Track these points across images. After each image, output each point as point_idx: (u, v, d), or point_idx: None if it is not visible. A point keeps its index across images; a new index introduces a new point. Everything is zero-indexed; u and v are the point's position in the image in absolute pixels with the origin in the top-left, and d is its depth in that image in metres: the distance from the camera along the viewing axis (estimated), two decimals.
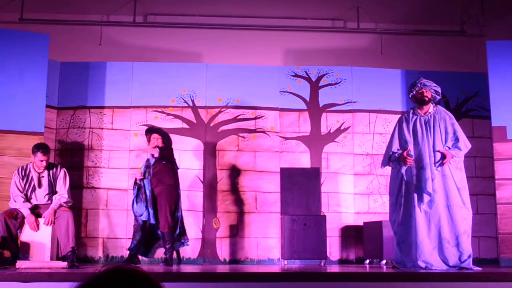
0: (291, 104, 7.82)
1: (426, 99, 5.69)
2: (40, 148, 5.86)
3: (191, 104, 7.74)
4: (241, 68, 7.92)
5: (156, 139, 6.63)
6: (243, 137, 7.72)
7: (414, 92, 5.74)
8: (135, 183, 6.62)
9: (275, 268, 6.06)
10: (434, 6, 8.36)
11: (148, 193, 6.49)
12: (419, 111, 5.75)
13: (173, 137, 7.58)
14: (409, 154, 5.55)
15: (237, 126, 7.74)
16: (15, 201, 5.77)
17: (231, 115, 7.75)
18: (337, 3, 8.36)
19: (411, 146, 5.60)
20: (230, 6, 8.37)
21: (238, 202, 7.55)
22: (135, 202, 6.53)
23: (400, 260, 5.55)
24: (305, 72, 7.94)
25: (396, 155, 5.66)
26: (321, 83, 7.91)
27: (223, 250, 7.42)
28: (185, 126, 7.69)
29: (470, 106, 7.97)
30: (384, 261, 6.72)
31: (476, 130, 7.86)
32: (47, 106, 7.18)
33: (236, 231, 7.50)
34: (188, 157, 7.59)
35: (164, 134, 6.80)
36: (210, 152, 7.64)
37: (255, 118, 7.76)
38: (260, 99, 7.79)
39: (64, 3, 8.19)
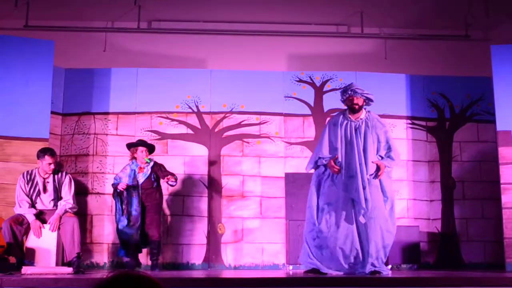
0: (295, 109, 7.83)
1: (357, 107, 5.49)
2: (47, 151, 5.88)
3: (195, 109, 7.75)
4: (245, 73, 7.93)
5: (143, 151, 6.66)
6: (248, 143, 7.72)
7: (345, 99, 5.56)
8: (118, 193, 6.55)
9: (280, 274, 6.05)
10: (438, 10, 8.36)
11: (135, 213, 6.46)
12: (350, 116, 5.55)
13: (178, 142, 7.62)
14: (336, 162, 5.37)
15: (241, 131, 7.74)
16: (20, 206, 5.77)
17: (235, 120, 7.76)
18: (341, 8, 8.37)
19: (339, 153, 5.39)
20: (234, 12, 8.39)
21: (243, 207, 7.55)
22: (124, 225, 6.47)
23: (315, 265, 5.39)
24: (310, 77, 7.94)
25: (324, 161, 5.45)
26: (326, 88, 7.91)
27: (228, 255, 7.42)
28: (190, 131, 7.70)
29: (475, 111, 7.96)
30: (389, 266, 6.70)
31: (481, 135, 7.85)
32: (52, 112, 7.19)
33: (241, 236, 7.49)
34: (193, 163, 7.59)
35: (151, 147, 6.83)
36: (215, 158, 7.64)
37: (259, 124, 7.76)
38: (264, 105, 7.79)
39: (68, 10, 8.23)
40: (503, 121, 7.02)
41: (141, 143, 6.77)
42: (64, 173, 6.02)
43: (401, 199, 7.66)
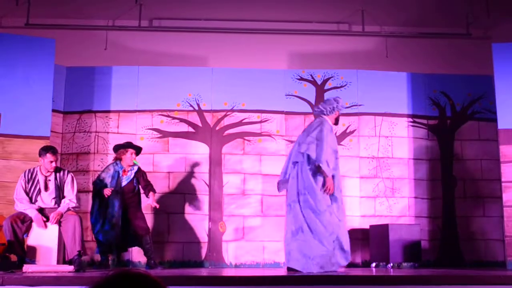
0: (296, 107, 7.83)
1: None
2: (49, 149, 5.87)
3: (196, 107, 7.75)
4: (247, 71, 7.93)
5: (132, 153, 6.62)
6: (249, 141, 7.72)
7: (337, 112, 5.92)
8: (98, 196, 6.53)
9: (281, 272, 6.05)
10: (439, 8, 8.35)
11: (116, 215, 6.43)
12: (332, 125, 5.95)
13: (179, 141, 7.62)
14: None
15: (242, 129, 7.74)
16: (20, 203, 5.76)
17: (236, 118, 7.76)
18: (342, 6, 8.37)
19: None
20: (235, 10, 8.39)
21: (244, 205, 7.55)
22: (104, 228, 6.47)
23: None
24: (311, 75, 7.94)
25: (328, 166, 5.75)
26: (327, 86, 7.91)
27: (229, 253, 7.43)
28: (191, 130, 7.70)
29: (476, 109, 7.95)
30: (390, 264, 6.71)
31: (482, 133, 7.85)
32: (53, 110, 7.20)
33: (242, 234, 7.50)
34: (194, 161, 7.59)
35: (139, 149, 6.77)
36: (216, 156, 7.64)
37: (260, 122, 7.77)
38: (265, 103, 7.80)
39: (70, 8, 8.23)
40: (504, 119, 7.01)
41: (131, 145, 6.74)
42: (66, 172, 6.01)
43: (402, 197, 7.67)
